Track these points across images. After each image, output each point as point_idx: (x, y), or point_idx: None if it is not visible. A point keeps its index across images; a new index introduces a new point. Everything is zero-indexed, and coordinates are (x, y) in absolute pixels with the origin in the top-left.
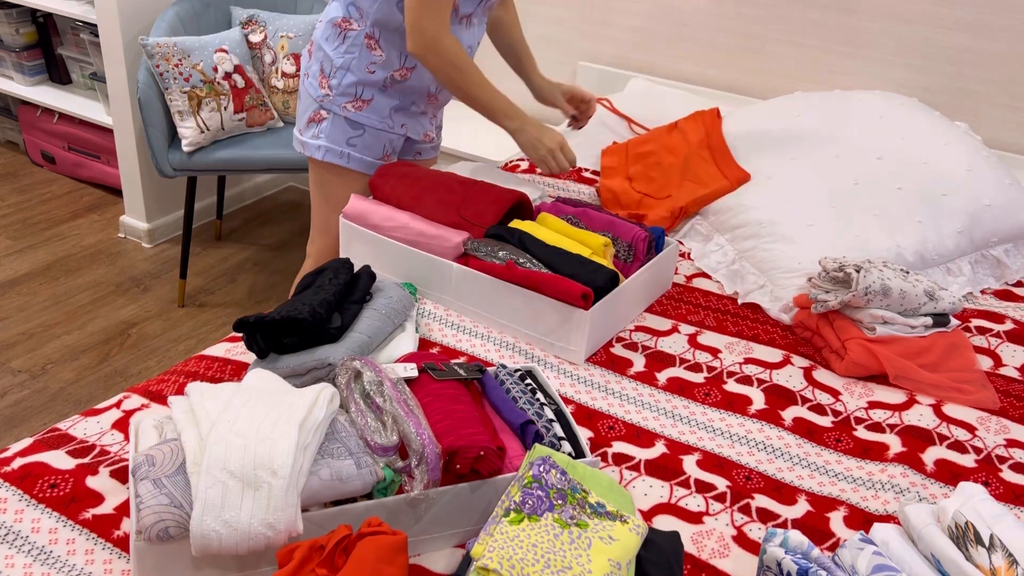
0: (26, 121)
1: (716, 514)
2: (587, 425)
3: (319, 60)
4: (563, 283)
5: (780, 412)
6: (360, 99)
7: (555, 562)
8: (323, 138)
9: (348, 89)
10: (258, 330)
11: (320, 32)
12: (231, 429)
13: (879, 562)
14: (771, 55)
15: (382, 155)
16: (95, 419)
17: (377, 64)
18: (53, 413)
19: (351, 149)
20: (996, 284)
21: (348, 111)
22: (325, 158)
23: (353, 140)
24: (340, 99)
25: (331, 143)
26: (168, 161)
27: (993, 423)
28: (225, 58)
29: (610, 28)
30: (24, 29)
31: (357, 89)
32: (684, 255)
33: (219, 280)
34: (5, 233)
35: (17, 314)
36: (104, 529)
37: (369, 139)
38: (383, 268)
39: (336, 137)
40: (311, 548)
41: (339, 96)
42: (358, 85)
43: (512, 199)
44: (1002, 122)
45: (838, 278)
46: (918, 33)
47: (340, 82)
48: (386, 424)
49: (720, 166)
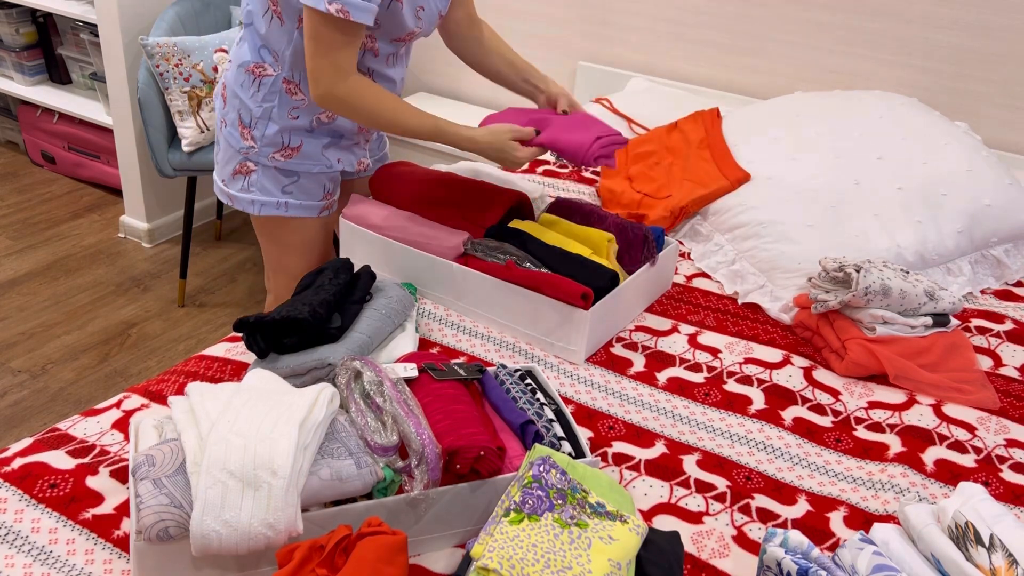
0: (26, 121)
1: (716, 514)
2: (587, 425)
3: (235, 108)
4: (563, 283)
5: (780, 412)
6: (288, 147)
7: (555, 562)
8: (255, 191)
9: (274, 139)
10: (258, 330)
11: (232, 76)
12: (231, 429)
13: (879, 562)
14: (771, 55)
15: (322, 195)
16: (95, 419)
17: (300, 109)
18: (53, 413)
19: (287, 197)
20: (996, 284)
21: (278, 160)
22: (261, 212)
23: (288, 188)
24: (266, 150)
25: (265, 196)
26: (168, 161)
27: (993, 423)
28: (225, 58)
29: (610, 28)
30: (24, 29)
31: (283, 137)
32: (684, 255)
33: (219, 280)
34: (5, 233)
35: (17, 314)
36: (104, 529)
37: (305, 183)
38: (383, 268)
39: (269, 188)
40: (311, 548)
41: (265, 147)
42: (283, 132)
43: (512, 199)
44: (1002, 122)
45: (838, 278)
46: (918, 33)
47: (263, 132)
48: (386, 424)
49: (720, 166)
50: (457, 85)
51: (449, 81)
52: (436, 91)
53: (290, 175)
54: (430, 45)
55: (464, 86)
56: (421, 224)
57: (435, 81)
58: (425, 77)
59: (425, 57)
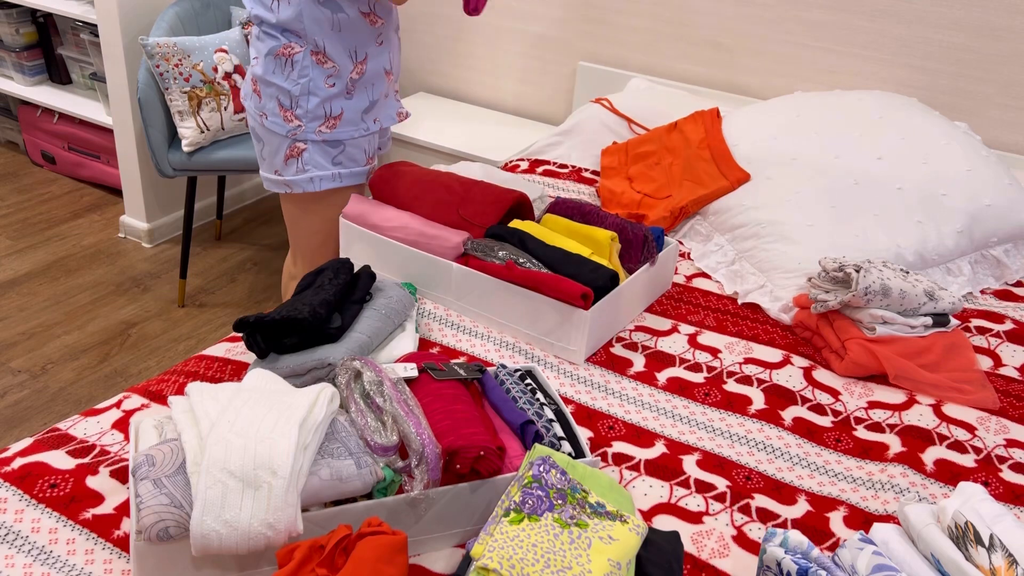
0: (26, 121)
1: (716, 514)
2: (587, 425)
3: (272, 97)
4: (563, 283)
5: (780, 412)
6: (331, 117)
7: (555, 562)
8: (311, 168)
9: (316, 112)
10: (258, 330)
11: (260, 69)
12: (231, 429)
13: (879, 562)
14: (771, 55)
15: (366, 160)
16: (95, 419)
17: (334, 76)
18: (53, 413)
19: (339, 168)
20: (996, 284)
21: (324, 133)
22: (321, 187)
23: (338, 159)
24: (312, 124)
25: (320, 171)
26: (168, 161)
27: (993, 423)
28: (225, 58)
29: (610, 28)
30: (24, 29)
31: (324, 108)
32: (684, 255)
33: (219, 280)
34: (5, 233)
35: (17, 314)
36: (104, 529)
37: (351, 150)
38: (383, 268)
39: (321, 163)
40: (311, 548)
41: (311, 123)
42: (324, 103)
43: (512, 199)
44: (1002, 122)
45: (838, 278)
46: (918, 33)
47: (306, 108)
48: (386, 424)
49: (720, 166)
50: (457, 85)
51: (449, 81)
52: (436, 91)
53: (336, 145)
54: (431, 45)
55: (464, 86)
56: (421, 224)
57: (435, 81)
58: (425, 77)
59: (425, 57)
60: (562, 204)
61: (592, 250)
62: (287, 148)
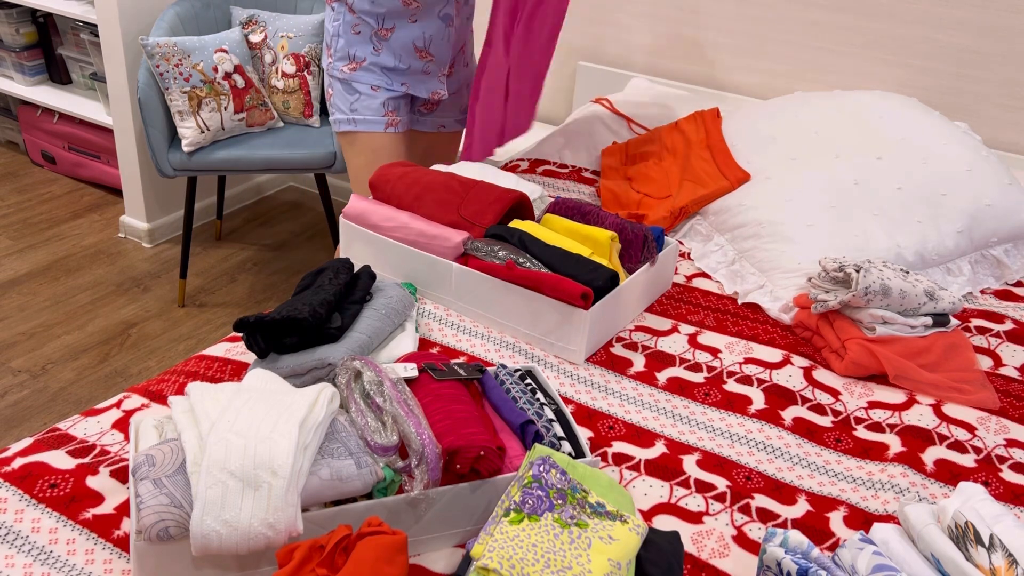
0: (26, 121)
1: (716, 514)
2: (587, 425)
3: (326, 42)
4: (563, 283)
5: (780, 412)
6: (353, 60)
7: (555, 562)
8: (335, 112)
9: (342, 52)
10: (258, 330)
11: (327, 26)
12: (231, 429)
13: (879, 562)
14: (771, 55)
15: (383, 113)
16: (95, 419)
17: (360, 24)
18: (53, 413)
19: (354, 114)
20: (996, 284)
21: (344, 72)
22: (340, 128)
23: (354, 106)
24: (338, 64)
25: (340, 114)
26: (168, 161)
27: (993, 423)
28: (225, 58)
29: (610, 28)
30: (24, 29)
31: (349, 51)
32: (684, 255)
33: (219, 280)
34: (5, 233)
35: (17, 314)
36: (104, 529)
37: (367, 100)
38: (383, 268)
39: (341, 107)
40: (311, 548)
41: (337, 61)
42: (349, 47)
43: (512, 199)
44: (1002, 122)
45: (838, 278)
46: (918, 33)
47: (335, 48)
48: (386, 424)
49: (720, 166)
50: None
51: None
52: None
53: (353, 92)
54: None
55: None
56: (421, 224)
57: None
58: None
59: None
60: (562, 204)
61: (592, 250)
62: (328, 89)
